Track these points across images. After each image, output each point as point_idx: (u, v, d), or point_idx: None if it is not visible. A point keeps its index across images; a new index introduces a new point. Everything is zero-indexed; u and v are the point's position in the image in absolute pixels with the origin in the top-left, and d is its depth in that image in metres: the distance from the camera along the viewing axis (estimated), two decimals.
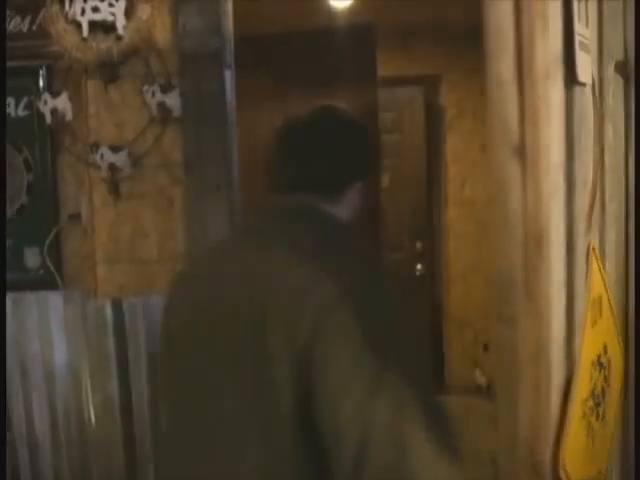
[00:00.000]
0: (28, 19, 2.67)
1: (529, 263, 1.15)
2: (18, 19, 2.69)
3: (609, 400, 1.47)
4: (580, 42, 1.26)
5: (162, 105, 2.61)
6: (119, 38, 2.58)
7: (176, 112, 2.61)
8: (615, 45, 1.69)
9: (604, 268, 1.48)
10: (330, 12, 4.79)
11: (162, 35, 2.64)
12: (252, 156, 2.91)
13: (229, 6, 2.66)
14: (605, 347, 1.45)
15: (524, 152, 1.14)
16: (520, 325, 1.17)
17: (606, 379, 1.45)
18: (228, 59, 2.63)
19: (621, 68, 1.76)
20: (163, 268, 2.67)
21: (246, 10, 2.91)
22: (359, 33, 4.14)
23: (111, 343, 2.68)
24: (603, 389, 1.43)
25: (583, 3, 1.29)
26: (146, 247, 2.69)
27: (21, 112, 2.76)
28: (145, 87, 2.63)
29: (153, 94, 2.61)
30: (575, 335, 1.29)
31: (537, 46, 1.15)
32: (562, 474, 1.22)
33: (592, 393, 1.37)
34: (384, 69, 4.63)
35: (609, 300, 1.49)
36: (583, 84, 1.30)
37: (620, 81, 1.75)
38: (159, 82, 2.62)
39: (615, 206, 1.67)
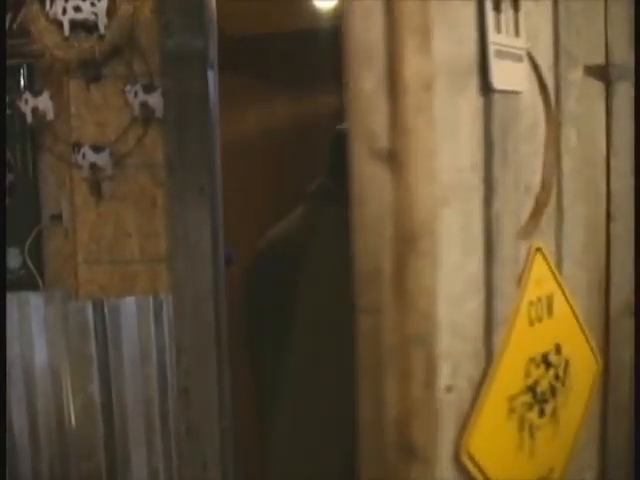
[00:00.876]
0: (9, 17, 2.66)
1: (401, 260, 1.20)
2: None
3: (567, 400, 1.52)
4: (499, 51, 1.30)
5: (144, 105, 2.61)
6: (101, 37, 2.58)
7: (159, 112, 2.60)
8: (586, 49, 1.70)
9: (560, 270, 1.53)
10: (315, 13, 4.79)
11: (145, 35, 2.64)
12: (235, 158, 2.91)
13: (213, 6, 2.64)
14: (558, 346, 1.50)
15: (394, 159, 1.19)
16: (385, 316, 1.22)
17: (558, 378, 1.50)
18: (212, 59, 2.62)
19: (599, 72, 1.76)
20: (145, 269, 2.67)
21: (230, 10, 2.90)
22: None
23: (92, 344, 2.67)
24: (553, 387, 1.48)
25: (508, 14, 1.35)
26: (128, 248, 2.68)
27: None
28: (127, 87, 2.63)
29: (135, 94, 2.61)
30: (495, 331, 1.34)
31: (410, 61, 1.18)
32: (465, 459, 1.27)
33: (530, 390, 1.42)
34: None
35: (567, 300, 1.53)
36: (507, 92, 1.34)
37: (593, 85, 1.76)
38: (141, 82, 2.62)
39: (583, 209, 1.69)
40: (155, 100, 2.59)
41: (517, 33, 1.36)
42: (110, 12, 2.59)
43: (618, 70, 1.82)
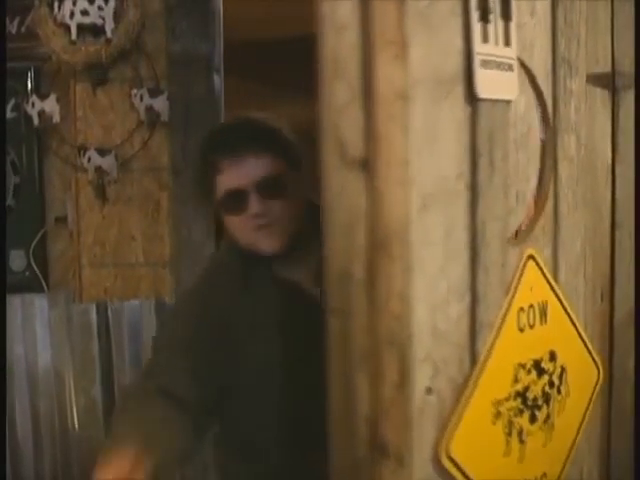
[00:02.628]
0: (16, 21, 2.67)
1: (372, 264, 1.23)
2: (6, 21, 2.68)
3: (563, 407, 1.52)
4: (485, 60, 1.32)
5: (150, 109, 2.60)
6: (108, 41, 2.58)
7: (164, 116, 2.61)
8: (589, 58, 1.70)
9: (556, 276, 1.53)
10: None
11: (151, 39, 2.64)
12: None
13: (219, 11, 2.66)
14: (552, 353, 1.50)
15: (367, 166, 1.22)
16: (356, 318, 1.25)
17: (553, 385, 1.50)
18: (217, 64, 2.63)
19: (604, 80, 1.77)
20: (149, 272, 2.67)
21: (236, 15, 2.91)
22: None
23: (95, 346, 2.68)
24: (547, 394, 1.48)
25: (497, 24, 1.36)
26: (132, 251, 2.68)
27: (8, 114, 2.74)
28: (133, 91, 2.63)
29: (141, 98, 2.61)
30: (480, 337, 1.36)
31: (384, 71, 1.21)
32: (445, 461, 1.29)
33: (520, 395, 1.43)
34: None
35: (564, 307, 1.53)
36: (495, 100, 1.36)
37: (595, 94, 1.76)
38: (147, 86, 2.62)
39: (584, 216, 1.69)
40: (161, 104, 2.60)
41: (507, 43, 1.38)
42: (117, 16, 2.59)
43: (624, 78, 1.83)
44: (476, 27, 1.29)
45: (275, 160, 1.73)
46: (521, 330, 1.43)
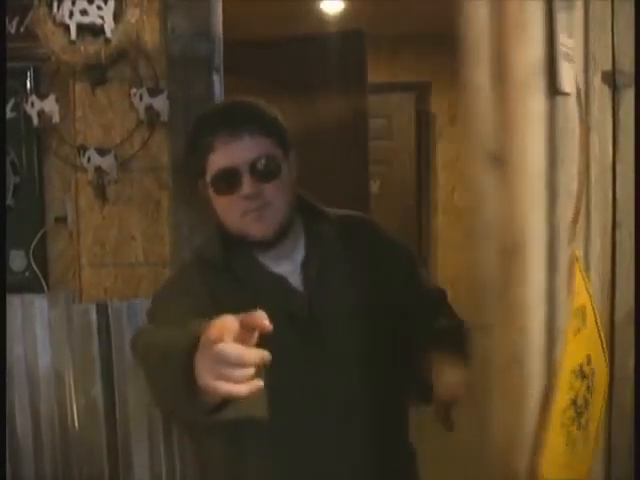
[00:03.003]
0: (16, 21, 2.66)
1: (505, 272, 1.16)
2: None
3: (592, 410, 1.48)
4: (563, 52, 1.27)
5: (150, 108, 2.60)
6: (107, 41, 2.57)
7: (164, 116, 2.60)
8: (601, 55, 1.69)
9: (588, 278, 1.50)
10: (321, 18, 4.80)
11: (151, 38, 2.64)
12: None
13: (219, 10, 2.65)
14: (589, 357, 1.47)
15: (503, 162, 1.14)
16: (495, 334, 1.17)
17: (589, 389, 1.46)
18: (217, 63, 2.62)
19: (608, 78, 1.76)
20: (149, 272, 2.67)
21: (236, 14, 2.91)
22: (350, 39, 4.14)
23: (96, 347, 2.68)
24: (586, 399, 1.45)
25: (566, 13, 1.30)
26: (132, 251, 2.68)
27: (8, 114, 2.74)
28: (133, 90, 2.62)
29: (141, 97, 2.60)
30: (556, 344, 1.30)
31: (514, 54, 1.15)
32: None
33: (573, 402, 1.39)
34: (375, 76, 4.64)
35: (594, 310, 1.50)
36: (566, 94, 1.31)
37: (607, 91, 1.75)
38: (147, 85, 2.62)
39: (600, 216, 1.68)
40: (160, 103, 2.59)
41: (571, 33, 1.33)
42: (117, 16, 2.59)
43: (625, 77, 1.82)
44: (558, 15, 1.23)
45: (270, 143, 1.72)
46: (574, 334, 1.38)
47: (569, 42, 1.32)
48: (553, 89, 1.26)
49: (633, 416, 1.86)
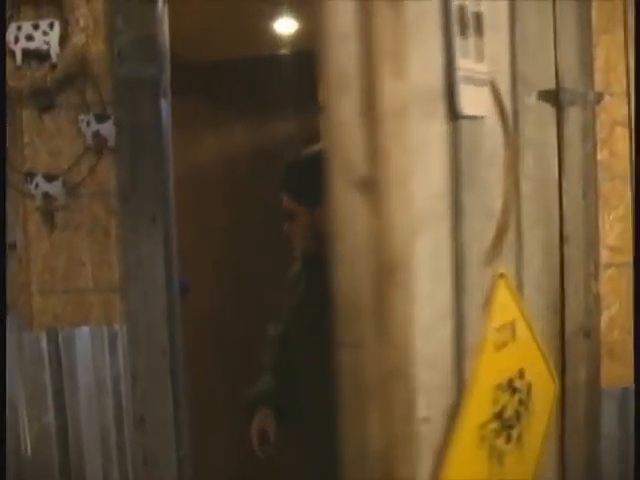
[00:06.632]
0: None
1: (382, 292, 1.18)
2: None
3: (530, 423, 1.53)
4: (465, 77, 1.30)
5: (97, 134, 2.59)
6: (53, 66, 2.57)
7: (111, 141, 2.59)
8: (539, 74, 1.71)
9: (521, 294, 1.55)
10: (273, 39, 4.79)
11: (97, 63, 2.63)
12: (189, 186, 2.91)
13: (166, 34, 2.65)
14: (521, 371, 1.51)
15: (372, 187, 1.16)
16: (368, 350, 1.19)
17: (522, 403, 1.50)
18: (164, 88, 2.62)
19: (551, 96, 1.78)
20: (99, 298, 2.65)
21: (186, 36, 2.90)
22: (301, 61, 4.14)
23: (47, 373, 2.65)
24: (518, 412, 1.48)
25: (472, 40, 1.33)
26: (82, 277, 2.66)
27: None
28: (81, 116, 2.61)
29: (88, 123, 2.59)
30: (464, 360, 1.33)
31: (386, 85, 1.16)
32: None
33: (497, 416, 1.42)
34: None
35: (528, 324, 1.55)
36: (471, 117, 1.34)
37: (547, 110, 1.77)
38: (94, 111, 2.61)
39: (542, 232, 1.73)
40: (108, 129, 2.58)
41: (480, 58, 1.37)
42: (62, 41, 2.58)
43: (569, 95, 1.85)
44: (457, 41, 1.28)
45: None
46: (497, 350, 1.43)
47: (479, 67, 1.35)
48: (454, 113, 1.29)
49: (585, 427, 1.88)
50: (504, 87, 1.52)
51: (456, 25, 1.28)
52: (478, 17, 1.36)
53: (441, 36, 1.29)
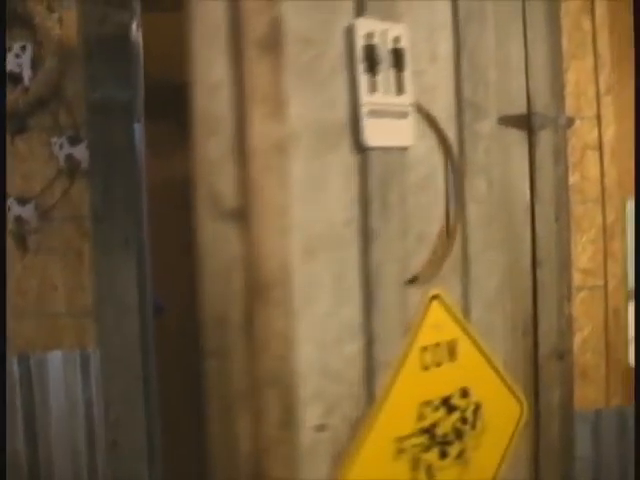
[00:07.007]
0: None
1: (250, 308, 1.32)
2: None
3: (478, 442, 1.60)
4: (374, 110, 1.41)
5: (70, 157, 2.58)
6: (25, 89, 2.55)
7: (85, 164, 2.58)
8: (500, 100, 1.74)
9: (468, 316, 1.62)
10: None
11: (70, 86, 2.61)
12: (162, 210, 2.89)
13: (140, 57, 2.64)
14: (464, 390, 1.58)
15: (243, 216, 1.31)
16: (233, 359, 1.34)
17: (466, 421, 1.58)
18: (138, 110, 2.62)
19: (520, 122, 1.80)
20: (72, 322, 2.62)
21: (160, 58, 2.89)
22: None
23: (18, 398, 2.62)
24: (458, 430, 1.57)
25: (387, 74, 1.44)
26: (54, 301, 2.64)
27: None
28: (53, 139, 2.60)
29: (61, 146, 2.58)
30: (376, 375, 1.44)
31: (259, 127, 1.29)
32: None
33: (426, 431, 1.51)
34: None
35: (476, 345, 1.61)
36: (389, 147, 1.46)
37: (509, 134, 1.79)
38: (67, 134, 2.60)
39: (500, 255, 1.76)
40: (81, 152, 2.57)
41: (401, 91, 1.46)
42: (35, 63, 2.57)
43: (540, 119, 1.87)
44: (362, 79, 1.37)
45: None
46: (426, 368, 1.50)
47: (398, 100, 1.46)
48: (359, 145, 1.41)
49: (560, 450, 1.89)
50: (447, 115, 1.61)
51: (362, 64, 1.38)
52: (397, 53, 1.45)
53: (346, 75, 1.39)
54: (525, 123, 1.86)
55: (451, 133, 1.61)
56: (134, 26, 2.55)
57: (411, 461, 1.47)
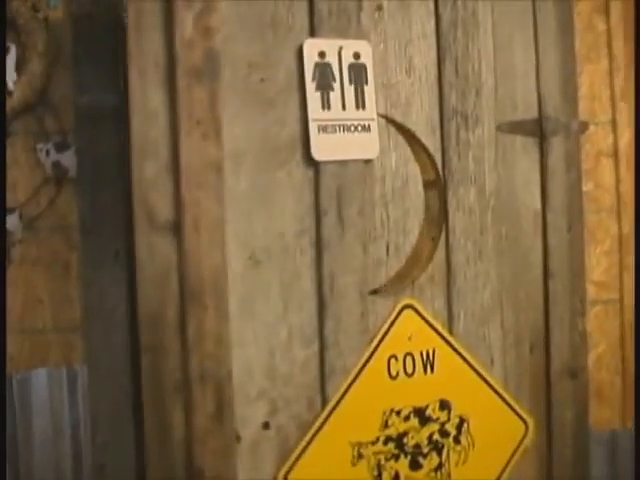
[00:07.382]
0: None
1: (184, 311, 1.46)
2: None
3: (464, 457, 1.64)
4: (325, 126, 1.52)
5: (57, 164, 2.54)
6: (10, 94, 2.50)
7: (72, 172, 2.54)
8: (498, 106, 1.76)
9: (452, 327, 1.67)
10: None
11: (57, 91, 2.57)
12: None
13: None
14: (444, 402, 1.62)
15: (178, 229, 1.45)
16: (168, 356, 1.47)
17: (447, 434, 1.62)
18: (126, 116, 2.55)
19: (526, 127, 1.82)
20: (58, 338, 2.58)
21: None
22: None
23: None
24: (436, 442, 1.61)
25: (344, 91, 1.56)
26: (39, 315, 2.58)
27: None
28: (39, 145, 2.56)
29: (47, 153, 2.54)
30: (331, 380, 1.55)
31: (193, 148, 1.44)
32: None
33: (393, 440, 1.57)
34: None
35: (463, 357, 1.65)
36: (346, 161, 1.56)
37: (513, 141, 1.80)
38: (54, 140, 2.56)
39: (493, 266, 1.77)
40: (68, 159, 2.54)
41: (360, 106, 1.56)
42: (19, 67, 2.52)
43: (552, 124, 1.83)
44: (313, 96, 1.50)
45: None
46: (393, 377, 1.57)
47: (357, 114, 1.55)
48: (310, 159, 1.52)
49: (574, 472, 1.84)
50: (428, 125, 1.68)
51: (313, 82, 1.50)
52: (358, 69, 1.56)
53: (296, 93, 1.52)
54: (533, 129, 1.85)
55: (433, 143, 1.67)
56: (123, 30, 2.49)
57: (374, 467, 1.55)
